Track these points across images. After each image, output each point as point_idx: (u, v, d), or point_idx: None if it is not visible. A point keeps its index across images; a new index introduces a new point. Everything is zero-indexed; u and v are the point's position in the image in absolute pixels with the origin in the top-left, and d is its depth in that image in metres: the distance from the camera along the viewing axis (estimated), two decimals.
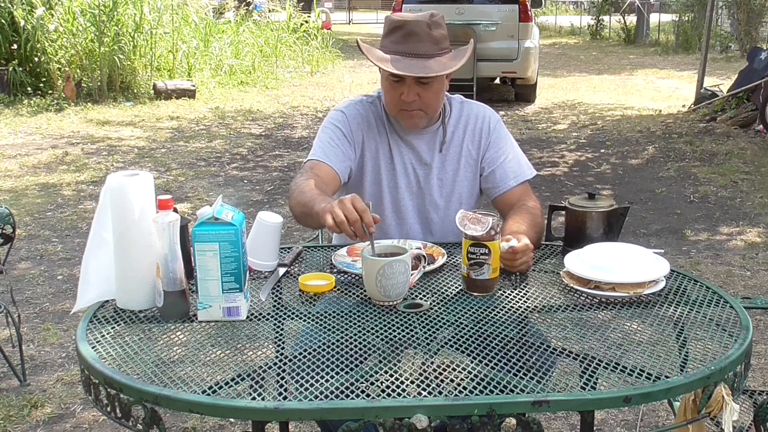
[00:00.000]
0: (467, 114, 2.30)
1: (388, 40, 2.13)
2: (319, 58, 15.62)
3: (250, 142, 8.31)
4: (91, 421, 2.99)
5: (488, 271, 1.79)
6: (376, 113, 2.27)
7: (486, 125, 2.29)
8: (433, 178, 2.27)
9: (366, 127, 2.25)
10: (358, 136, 2.24)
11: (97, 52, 10.43)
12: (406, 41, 2.09)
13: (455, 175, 2.28)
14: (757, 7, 18.12)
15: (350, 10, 32.44)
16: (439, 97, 2.18)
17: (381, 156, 2.25)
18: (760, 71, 9.01)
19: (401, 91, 2.12)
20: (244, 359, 1.55)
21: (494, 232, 1.78)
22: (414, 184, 2.27)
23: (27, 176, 6.68)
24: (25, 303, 4.03)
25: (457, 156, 2.27)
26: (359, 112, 2.26)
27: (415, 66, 2.07)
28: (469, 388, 1.39)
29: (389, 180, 2.26)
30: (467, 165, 2.29)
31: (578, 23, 26.27)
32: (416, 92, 2.11)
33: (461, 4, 10.31)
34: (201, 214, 1.65)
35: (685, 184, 6.63)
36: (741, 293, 4.16)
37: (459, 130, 2.28)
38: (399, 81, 2.11)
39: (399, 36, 2.10)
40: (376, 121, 2.26)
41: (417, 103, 2.13)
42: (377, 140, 2.25)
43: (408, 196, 2.27)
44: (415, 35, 2.09)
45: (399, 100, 2.14)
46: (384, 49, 2.13)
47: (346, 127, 2.23)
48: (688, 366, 1.50)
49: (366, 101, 2.30)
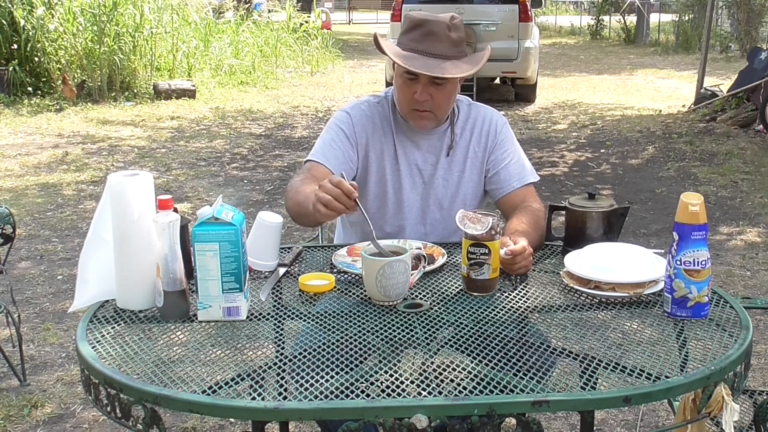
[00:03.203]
0: (475, 116, 2.31)
1: (407, 38, 2.13)
2: (319, 58, 15.62)
3: (251, 142, 8.31)
4: (91, 421, 2.99)
5: (488, 271, 1.79)
6: (383, 113, 2.27)
7: (493, 128, 2.30)
8: (439, 179, 2.27)
9: (371, 128, 2.25)
10: (362, 137, 2.24)
11: (97, 52, 10.44)
12: (425, 40, 2.09)
13: (461, 176, 2.28)
14: (757, 7, 18.12)
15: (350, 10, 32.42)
16: (450, 99, 2.18)
17: (386, 156, 2.25)
18: (760, 71, 9.01)
19: (415, 90, 2.12)
20: (244, 359, 1.55)
21: (494, 231, 1.78)
22: (419, 184, 2.27)
23: (27, 176, 6.68)
24: (25, 303, 4.03)
25: (463, 158, 2.28)
26: (364, 113, 2.27)
27: (431, 65, 2.07)
28: (469, 388, 1.39)
29: (393, 180, 2.26)
30: (473, 167, 2.29)
31: (578, 23, 26.26)
32: (429, 92, 2.12)
33: (461, 4, 10.31)
34: (201, 214, 1.65)
35: (685, 184, 6.62)
36: (741, 293, 4.16)
37: (466, 132, 2.29)
38: (413, 79, 2.12)
39: (418, 34, 2.10)
40: (382, 121, 2.26)
41: (429, 103, 2.14)
42: (382, 141, 2.25)
43: (412, 196, 2.27)
44: (434, 35, 2.09)
45: (412, 99, 2.14)
46: (402, 46, 2.14)
47: (349, 128, 2.23)
48: (688, 366, 1.50)
49: (372, 101, 2.30)
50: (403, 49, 2.12)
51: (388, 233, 2.24)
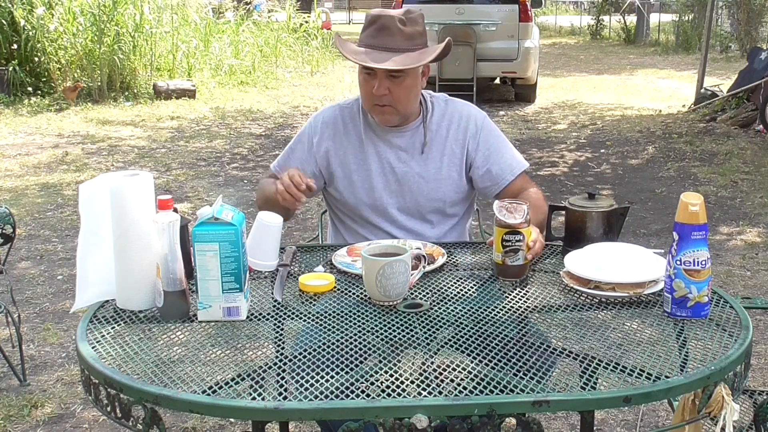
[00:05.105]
0: (451, 113, 2.31)
1: (364, 34, 2.19)
2: (319, 58, 15.62)
3: (251, 142, 8.32)
4: (91, 421, 2.99)
5: (522, 256, 1.88)
6: (351, 115, 2.31)
7: (472, 124, 2.29)
8: (414, 176, 2.27)
9: (331, 133, 2.31)
10: (320, 147, 2.31)
11: (97, 52, 10.44)
12: (378, 35, 2.14)
13: (438, 173, 2.27)
14: (757, 7, 18.12)
15: (350, 10, 32.40)
16: (410, 93, 2.20)
17: (352, 161, 2.28)
18: (760, 71, 9.01)
19: (373, 85, 2.15)
20: (244, 359, 1.55)
21: (528, 219, 1.89)
22: (393, 182, 2.27)
23: (27, 176, 6.68)
24: (25, 303, 4.03)
25: (440, 154, 2.27)
26: (329, 118, 2.33)
27: (379, 59, 2.11)
28: (469, 388, 1.39)
29: (363, 181, 2.27)
30: (451, 164, 2.28)
31: (578, 23, 26.25)
32: (387, 86, 2.15)
33: (461, 4, 10.32)
34: (201, 214, 1.65)
35: (685, 184, 6.62)
36: (741, 293, 4.16)
37: (442, 129, 2.29)
38: (371, 75, 2.16)
39: (372, 30, 2.16)
40: (347, 124, 2.30)
41: (387, 98, 2.16)
42: (345, 144, 2.29)
43: (387, 195, 2.27)
44: (387, 29, 2.13)
45: (371, 94, 2.17)
46: (359, 43, 2.19)
47: (309, 140, 2.33)
48: (688, 366, 1.50)
49: (343, 105, 2.36)
50: (359, 46, 2.18)
51: (379, 236, 2.25)
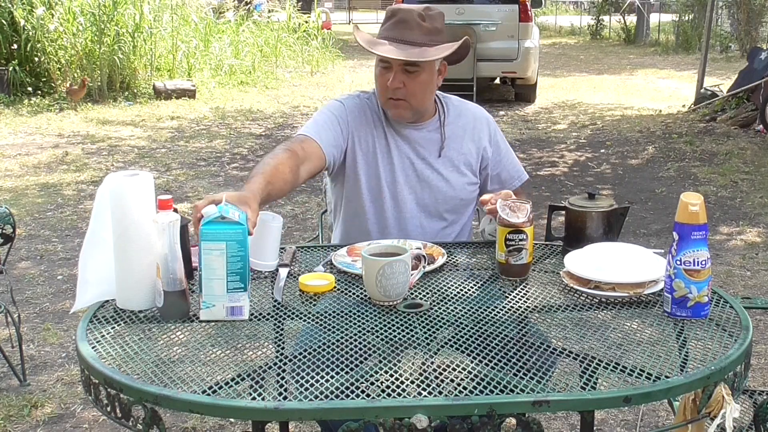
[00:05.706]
0: (465, 113, 2.35)
1: (383, 28, 2.20)
2: (319, 58, 15.61)
3: (251, 142, 8.31)
4: (91, 421, 2.99)
5: (525, 255, 1.88)
6: (372, 108, 2.30)
7: (485, 126, 2.36)
8: (433, 174, 2.29)
9: (363, 119, 2.27)
10: (352, 126, 2.26)
11: (97, 52, 10.44)
12: (396, 28, 2.16)
13: (455, 172, 2.30)
14: (757, 7, 18.12)
15: (350, 10, 32.41)
16: (425, 89, 2.20)
17: (378, 150, 2.27)
18: (760, 71, 9.01)
19: (388, 78, 2.15)
20: (244, 359, 1.55)
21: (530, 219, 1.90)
22: (413, 178, 2.28)
23: (27, 176, 6.68)
24: (25, 303, 4.03)
25: (457, 153, 2.30)
26: (357, 104, 2.30)
27: (398, 51, 2.11)
28: (469, 388, 1.39)
29: (387, 174, 2.27)
30: (467, 164, 2.32)
31: (578, 23, 26.24)
32: (402, 80, 2.15)
33: (461, 4, 10.31)
34: (206, 213, 1.64)
35: (685, 184, 6.62)
36: (741, 293, 4.17)
37: (459, 129, 2.31)
38: (387, 67, 2.16)
39: (391, 23, 2.18)
40: (372, 115, 2.29)
41: (402, 91, 2.16)
42: (373, 134, 2.27)
43: (407, 191, 2.28)
44: (405, 23, 2.15)
45: (386, 87, 2.17)
46: (378, 35, 2.20)
47: (342, 116, 2.26)
48: (688, 366, 1.50)
49: (363, 96, 2.33)
50: (378, 38, 2.18)
51: (389, 230, 2.25)
